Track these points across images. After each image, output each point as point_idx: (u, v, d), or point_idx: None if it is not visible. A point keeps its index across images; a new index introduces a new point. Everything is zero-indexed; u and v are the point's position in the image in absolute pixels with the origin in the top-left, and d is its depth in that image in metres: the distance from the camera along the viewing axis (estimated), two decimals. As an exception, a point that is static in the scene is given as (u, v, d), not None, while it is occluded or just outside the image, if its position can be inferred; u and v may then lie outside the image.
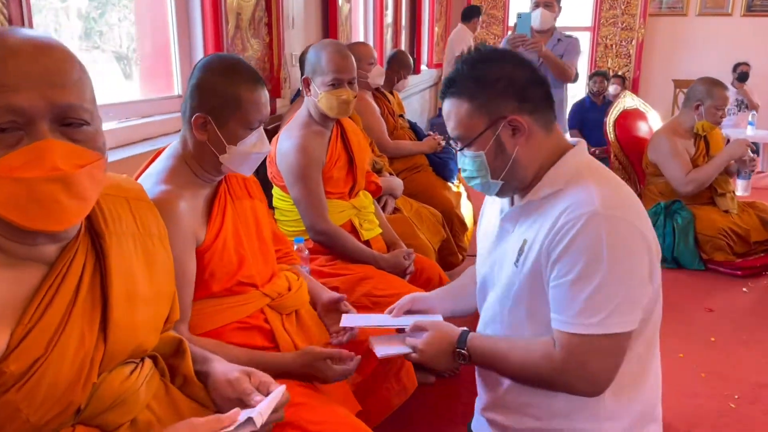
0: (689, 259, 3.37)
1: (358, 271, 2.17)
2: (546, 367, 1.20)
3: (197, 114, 1.39)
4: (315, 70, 2.15)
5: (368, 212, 2.32)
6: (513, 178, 1.27)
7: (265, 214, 1.64)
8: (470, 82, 1.24)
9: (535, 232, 1.22)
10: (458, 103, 1.25)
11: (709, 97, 3.37)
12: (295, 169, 2.10)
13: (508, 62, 1.25)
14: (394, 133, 3.60)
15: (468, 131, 1.25)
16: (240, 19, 2.59)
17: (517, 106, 1.23)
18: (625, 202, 1.20)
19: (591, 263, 1.13)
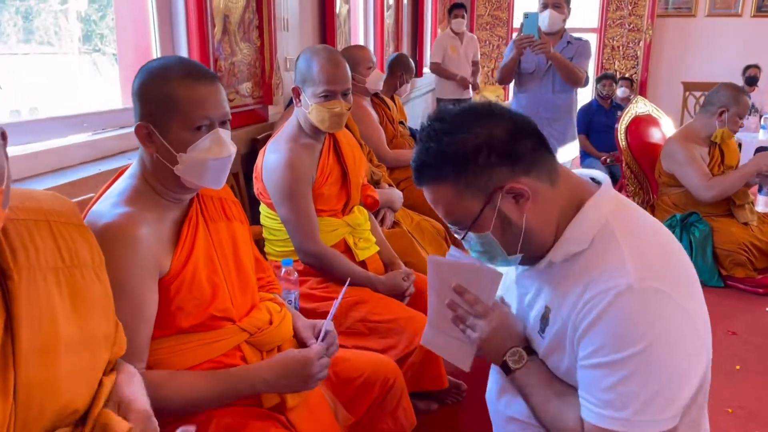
0: (708, 275, 3.18)
1: (352, 294, 2.00)
2: None
3: (138, 124, 1.25)
4: (305, 79, 1.98)
5: (364, 230, 2.15)
6: (531, 247, 1.09)
7: (245, 237, 1.46)
8: (445, 163, 1.04)
9: (559, 300, 1.07)
10: (440, 190, 1.07)
11: (734, 104, 3.19)
12: (283, 187, 1.94)
13: (480, 123, 1.05)
14: (394, 141, 3.43)
15: (464, 216, 1.07)
16: (228, 22, 2.43)
17: (509, 170, 1.04)
18: (668, 269, 1.01)
19: (619, 349, 0.96)
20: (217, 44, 2.36)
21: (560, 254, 1.07)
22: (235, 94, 2.53)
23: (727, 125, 3.20)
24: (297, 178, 1.93)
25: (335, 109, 1.98)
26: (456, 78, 6.01)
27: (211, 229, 1.36)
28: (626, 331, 0.96)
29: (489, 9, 8.42)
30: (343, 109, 2.00)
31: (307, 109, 1.98)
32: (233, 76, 2.51)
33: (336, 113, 1.98)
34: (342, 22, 3.93)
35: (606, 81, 6.10)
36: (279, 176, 1.93)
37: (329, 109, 1.97)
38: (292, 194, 1.93)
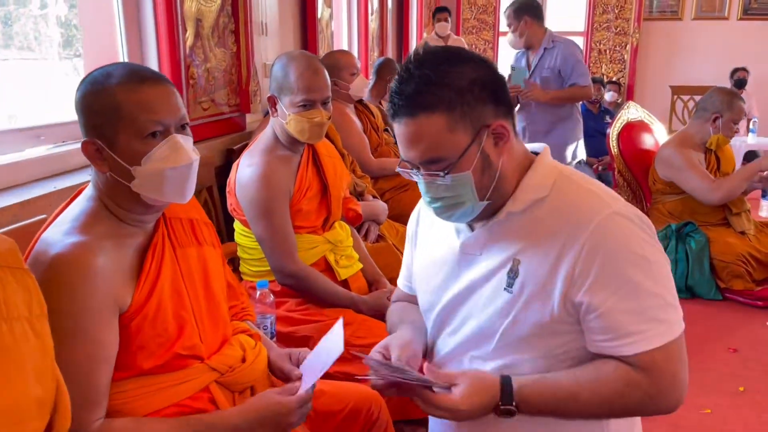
0: (705, 288, 3.06)
1: (333, 316, 1.86)
2: (636, 395, 1.03)
3: (84, 142, 1.13)
4: (282, 87, 1.85)
5: (345, 246, 2.02)
6: (498, 194, 1.08)
7: (217, 263, 1.33)
8: (444, 90, 1.01)
9: (532, 250, 1.06)
10: (432, 119, 1.02)
11: (728, 110, 3.09)
12: (257, 203, 1.80)
13: (476, 61, 1.06)
14: (378, 149, 3.31)
15: (450, 150, 1.03)
16: (200, 26, 2.30)
17: (494, 109, 1.05)
18: (625, 202, 1.08)
19: (638, 272, 1.01)
20: (189, 50, 2.22)
21: (520, 203, 1.08)
22: (209, 102, 2.39)
23: (722, 131, 3.10)
24: (273, 194, 1.80)
25: (315, 119, 1.85)
26: None
27: (179, 255, 1.22)
28: (633, 252, 1.01)
29: (475, 12, 8.32)
30: (323, 119, 1.87)
31: (285, 120, 1.85)
32: (208, 83, 2.38)
33: (316, 123, 1.86)
34: (324, 26, 3.81)
35: (593, 85, 6.02)
36: (253, 191, 1.80)
37: (309, 119, 1.84)
38: (267, 211, 1.80)
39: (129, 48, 2.12)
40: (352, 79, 3.12)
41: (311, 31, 3.56)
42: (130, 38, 2.11)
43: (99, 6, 2.07)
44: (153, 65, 2.16)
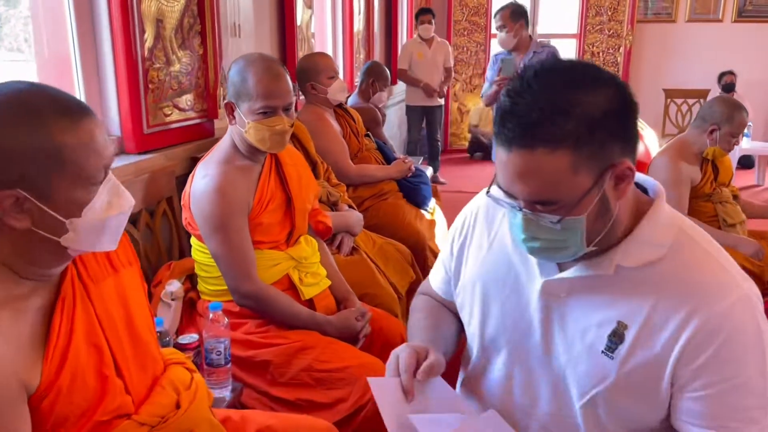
0: None
1: (295, 338, 1.74)
2: None
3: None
4: (240, 93, 1.72)
5: (311, 263, 1.88)
6: (606, 241, 0.94)
7: (136, 285, 1.15)
8: (574, 122, 0.83)
9: (637, 317, 0.93)
10: (553, 157, 0.85)
11: (727, 123, 2.91)
12: (212, 218, 1.67)
13: (612, 85, 0.88)
14: (359, 155, 3.18)
15: (569, 194, 0.88)
16: (161, 27, 2.16)
17: (622, 147, 0.88)
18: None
19: (754, 366, 0.89)
20: (147, 52, 2.09)
21: (634, 259, 0.94)
22: (172, 108, 2.26)
23: (719, 144, 2.96)
24: (228, 208, 1.67)
25: (276, 127, 1.72)
26: (419, 85, 5.82)
27: (93, 297, 1.03)
28: (752, 350, 0.89)
29: (466, 14, 8.20)
30: (285, 126, 1.74)
31: (244, 128, 1.72)
32: (170, 88, 2.24)
33: (278, 131, 1.73)
34: (304, 27, 3.68)
35: (586, 88, 5.92)
36: (207, 205, 1.67)
37: (269, 126, 1.71)
38: (222, 226, 1.67)
39: (82, 51, 1.98)
40: (330, 83, 2.99)
41: (289, 33, 3.43)
42: (82, 40, 1.98)
43: (49, 4, 1.94)
44: (108, 69, 2.03)
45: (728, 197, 3.12)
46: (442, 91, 5.99)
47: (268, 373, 1.71)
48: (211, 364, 1.59)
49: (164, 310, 1.77)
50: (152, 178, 2.02)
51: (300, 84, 3.06)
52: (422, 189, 3.22)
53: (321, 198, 2.45)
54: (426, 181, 3.29)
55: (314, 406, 1.68)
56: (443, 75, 6.02)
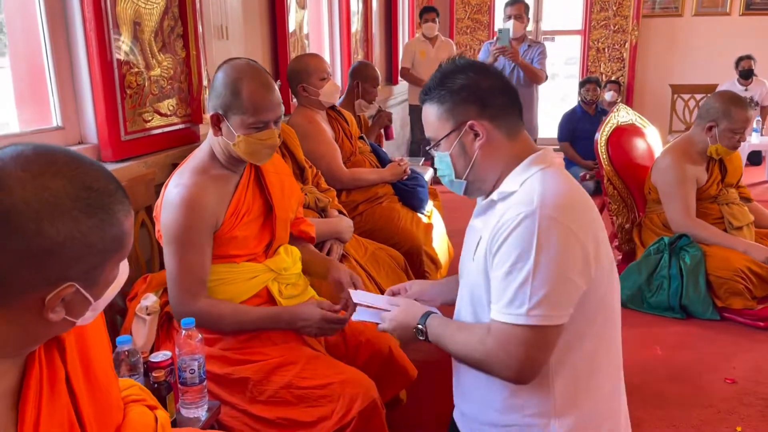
0: (701, 307, 2.80)
1: (274, 355, 1.66)
2: (479, 351, 1.28)
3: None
4: (230, 105, 1.64)
5: (291, 274, 1.80)
6: (475, 179, 1.38)
7: (99, 333, 1.03)
8: (440, 89, 1.36)
9: (486, 228, 1.31)
10: (430, 108, 1.38)
11: (725, 118, 2.81)
12: (171, 228, 1.60)
13: (475, 72, 1.35)
14: (352, 158, 3.09)
15: (436, 133, 1.39)
16: (139, 30, 2.09)
17: (478, 112, 1.33)
18: (565, 205, 1.24)
19: (520, 258, 1.21)
20: (124, 56, 2.02)
21: (497, 194, 1.33)
22: (153, 113, 2.19)
23: (720, 141, 2.85)
24: (192, 222, 1.58)
25: (269, 141, 1.66)
26: (421, 84, 5.71)
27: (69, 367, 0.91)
28: (525, 245, 1.20)
29: (469, 12, 8.11)
30: (276, 140, 1.68)
31: (232, 140, 1.64)
32: (150, 93, 2.17)
33: (270, 145, 1.67)
34: (297, 28, 3.60)
35: (590, 85, 5.80)
36: (172, 216, 1.59)
37: (261, 141, 1.64)
38: (178, 239, 1.59)
39: (55, 56, 1.92)
40: (322, 84, 2.91)
41: (281, 34, 3.35)
42: (55, 43, 1.91)
43: (22, 5, 1.87)
44: (83, 74, 1.96)
45: (734, 198, 3.01)
46: None
47: (247, 391, 1.64)
48: (185, 383, 1.51)
49: (139, 325, 1.70)
50: (130, 187, 1.94)
51: (291, 86, 2.99)
52: (418, 192, 3.13)
53: (309, 204, 2.37)
54: (422, 183, 3.20)
55: (296, 425, 1.60)
56: None
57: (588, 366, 1.32)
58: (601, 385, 1.35)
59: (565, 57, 9.70)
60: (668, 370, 2.49)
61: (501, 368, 1.26)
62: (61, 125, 1.97)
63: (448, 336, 1.36)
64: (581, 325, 1.27)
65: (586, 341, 1.30)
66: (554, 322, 1.21)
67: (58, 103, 1.95)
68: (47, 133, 1.93)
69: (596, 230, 1.29)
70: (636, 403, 1.50)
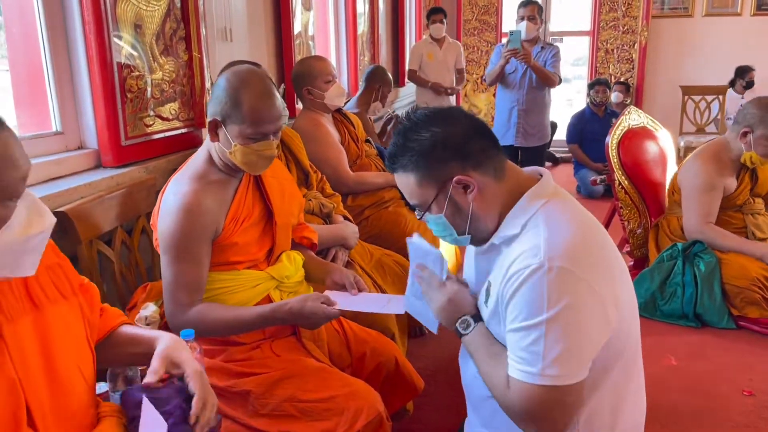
0: (716, 316, 2.73)
1: (277, 367, 1.61)
2: (501, 396, 1.23)
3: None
4: (229, 113, 1.59)
5: (294, 282, 1.75)
6: (477, 230, 1.30)
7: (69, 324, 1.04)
8: (409, 155, 1.26)
9: (495, 276, 1.27)
10: (405, 176, 1.29)
11: (761, 125, 2.71)
12: (168, 236, 1.55)
13: (440, 125, 1.26)
14: (358, 161, 3.05)
15: (422, 199, 1.29)
16: (140, 33, 2.05)
17: (460, 165, 1.25)
18: (576, 252, 1.17)
19: (531, 315, 1.15)
20: (125, 59, 1.97)
21: (499, 237, 1.28)
22: (154, 117, 2.15)
23: (754, 148, 2.76)
24: (190, 230, 1.53)
25: (266, 152, 1.61)
26: (428, 85, 5.65)
27: (7, 337, 0.91)
28: (535, 302, 1.14)
29: (476, 14, 8.04)
30: (274, 151, 1.63)
31: (229, 148, 1.60)
32: (152, 96, 2.13)
33: (267, 156, 1.62)
34: (302, 30, 3.56)
35: (599, 87, 5.73)
36: (169, 223, 1.55)
37: (259, 152, 1.60)
38: (175, 246, 1.54)
39: (54, 58, 1.88)
40: (327, 87, 2.87)
41: (286, 36, 3.31)
42: (54, 47, 1.87)
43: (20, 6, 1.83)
44: (83, 77, 1.92)
45: (760, 209, 2.92)
46: (455, 89, 5.82)
47: (248, 404, 1.58)
48: (184, 397, 1.47)
49: (138, 335, 1.65)
50: (130, 193, 1.90)
51: (296, 89, 2.94)
52: (425, 196, 3.08)
53: (313, 210, 2.32)
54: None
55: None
56: (455, 77, 5.86)
57: (614, 395, 1.29)
58: (629, 410, 1.34)
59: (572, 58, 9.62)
60: (683, 381, 2.42)
61: (523, 425, 1.21)
62: (60, 130, 1.93)
63: (481, 355, 1.30)
64: (609, 361, 1.23)
65: (613, 373, 1.26)
66: (571, 380, 1.15)
67: (57, 107, 1.92)
68: (46, 137, 1.90)
69: (613, 269, 1.23)
70: (649, 417, 1.44)
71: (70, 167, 1.90)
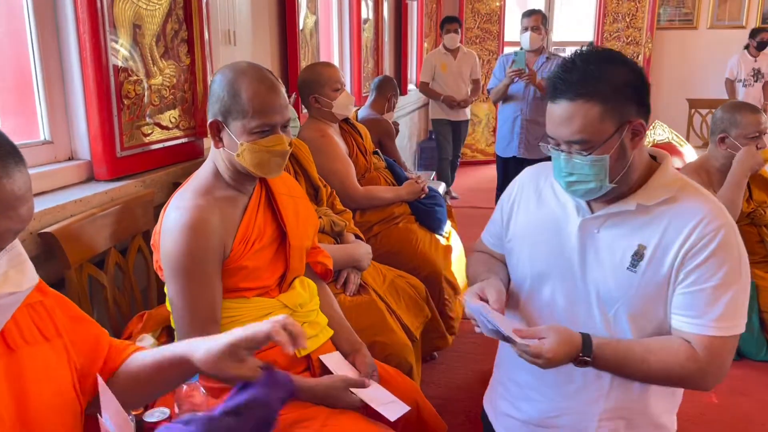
0: (755, 347, 2.55)
1: (289, 409, 1.42)
2: (692, 368, 1.24)
3: None
4: (229, 109, 1.43)
5: (308, 311, 1.58)
6: (623, 182, 1.29)
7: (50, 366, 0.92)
8: (603, 85, 1.23)
9: (657, 237, 1.27)
10: (587, 106, 1.23)
11: (733, 126, 2.63)
12: (175, 259, 1.37)
13: (632, 66, 1.27)
14: (366, 175, 2.88)
15: (597, 135, 1.24)
16: (139, 34, 1.88)
17: (637, 109, 1.26)
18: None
19: (731, 272, 1.23)
20: (121, 62, 1.80)
21: (651, 198, 1.28)
22: (152, 126, 1.97)
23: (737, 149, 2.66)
24: (198, 250, 1.36)
25: (277, 148, 1.43)
26: (440, 98, 5.48)
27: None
28: (733, 260, 1.23)
29: (478, 22, 7.91)
30: (286, 146, 1.46)
31: (235, 150, 1.43)
32: (150, 103, 1.96)
33: (278, 153, 1.44)
34: (308, 35, 3.39)
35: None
36: (172, 243, 1.37)
37: (269, 147, 1.42)
38: (185, 271, 1.37)
39: (44, 61, 1.70)
40: (335, 95, 2.70)
41: (291, 41, 3.15)
42: (44, 48, 1.69)
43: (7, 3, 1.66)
44: (76, 82, 1.75)
45: None
46: (468, 101, 5.66)
47: None
48: (185, 445, 1.28)
49: (132, 372, 1.46)
50: (125, 209, 1.73)
51: (302, 97, 2.78)
52: (437, 212, 2.91)
53: (324, 228, 2.15)
54: (441, 202, 2.97)
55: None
56: (471, 87, 5.70)
57: None
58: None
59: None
60: (727, 421, 2.23)
61: (712, 380, 1.27)
62: (50, 139, 1.76)
63: (635, 361, 1.28)
64: None
65: None
66: (743, 329, 1.28)
67: (46, 114, 1.74)
68: (34, 147, 1.72)
69: None
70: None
71: (59, 180, 1.72)
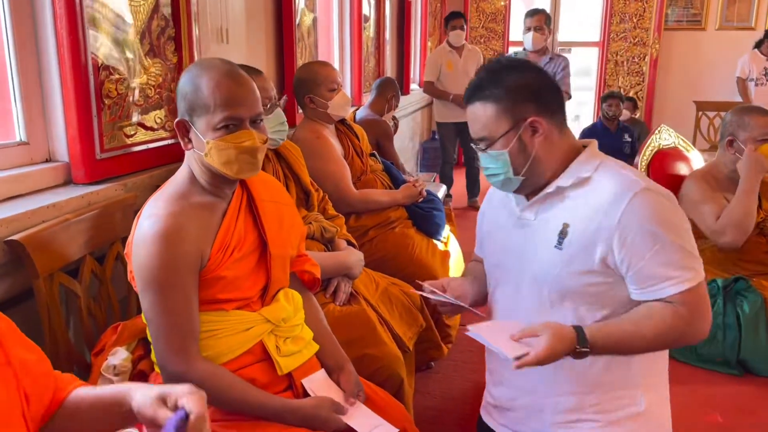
0: (763, 363, 2.45)
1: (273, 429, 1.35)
2: (681, 325, 1.32)
3: None
4: (193, 106, 1.35)
5: (292, 326, 1.49)
6: (533, 174, 1.41)
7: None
8: (498, 88, 1.37)
9: (578, 215, 1.37)
10: (483, 107, 1.39)
11: (741, 129, 2.54)
12: (147, 270, 1.29)
13: (530, 71, 1.42)
14: (362, 177, 2.79)
15: (493, 132, 1.39)
16: (122, 31, 1.79)
17: (535, 109, 1.38)
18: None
19: (664, 232, 1.30)
20: (103, 60, 1.72)
21: (568, 180, 1.39)
22: (136, 127, 1.89)
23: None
24: (172, 260, 1.28)
25: (245, 143, 1.34)
26: (449, 98, 5.31)
27: None
28: (667, 216, 1.33)
29: (483, 21, 7.82)
30: (256, 142, 1.36)
31: (203, 150, 1.35)
32: (134, 103, 1.88)
33: (246, 149, 1.35)
34: (305, 33, 3.31)
35: (612, 101, 5.48)
36: (145, 253, 1.29)
37: (236, 144, 1.33)
38: (158, 282, 1.28)
39: (20, 58, 1.62)
40: (331, 96, 2.62)
41: (288, 38, 3.06)
42: (20, 44, 1.61)
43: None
44: (53, 80, 1.67)
45: None
46: None
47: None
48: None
49: (104, 387, 1.39)
50: (103, 214, 1.65)
51: (297, 97, 2.70)
52: (435, 216, 2.82)
53: (314, 234, 2.07)
54: (439, 206, 2.89)
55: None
56: None
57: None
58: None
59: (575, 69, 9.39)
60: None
61: (702, 328, 1.34)
62: (25, 140, 1.68)
63: (630, 337, 1.33)
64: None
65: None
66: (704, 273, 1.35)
67: (22, 114, 1.66)
68: (8, 148, 1.64)
69: None
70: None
71: (34, 183, 1.64)
